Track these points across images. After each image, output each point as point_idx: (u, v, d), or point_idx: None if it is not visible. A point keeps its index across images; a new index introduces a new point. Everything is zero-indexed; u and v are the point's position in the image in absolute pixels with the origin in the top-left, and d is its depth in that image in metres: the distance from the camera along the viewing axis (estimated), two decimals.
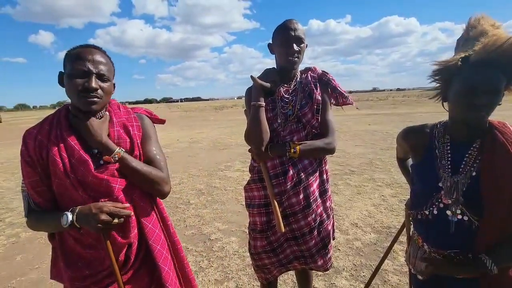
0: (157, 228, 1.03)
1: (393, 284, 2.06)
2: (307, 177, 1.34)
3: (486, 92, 0.83)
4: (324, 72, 1.42)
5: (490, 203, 0.86)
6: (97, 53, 0.95)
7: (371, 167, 5.12)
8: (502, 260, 0.85)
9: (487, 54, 0.84)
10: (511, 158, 0.85)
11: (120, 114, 1.04)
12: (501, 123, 0.92)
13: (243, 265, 2.38)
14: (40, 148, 0.91)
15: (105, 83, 0.95)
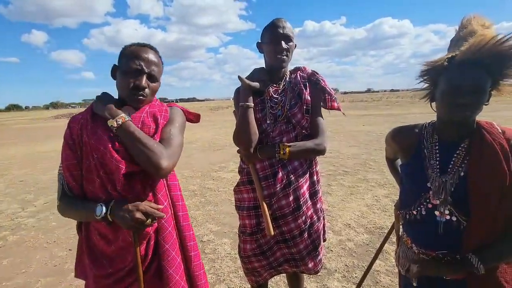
0: (171, 226, 1.02)
1: (384, 285, 2.06)
2: (297, 179, 1.32)
3: (470, 92, 0.84)
4: (314, 72, 1.41)
5: (477, 203, 0.86)
6: (151, 53, 1.00)
7: (365, 167, 5.14)
8: (489, 260, 0.85)
9: (471, 54, 0.84)
10: (499, 159, 0.85)
11: (154, 105, 1.07)
12: (489, 123, 0.92)
13: (235, 267, 2.36)
14: (82, 132, 0.96)
15: (153, 83, 1.01)
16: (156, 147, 0.93)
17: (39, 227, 3.38)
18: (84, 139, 0.95)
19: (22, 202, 4.27)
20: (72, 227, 3.31)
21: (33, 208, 4.00)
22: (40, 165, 6.94)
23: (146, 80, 0.98)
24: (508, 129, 0.90)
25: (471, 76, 0.84)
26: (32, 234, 3.20)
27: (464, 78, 0.84)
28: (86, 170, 0.95)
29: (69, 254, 2.71)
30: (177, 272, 1.00)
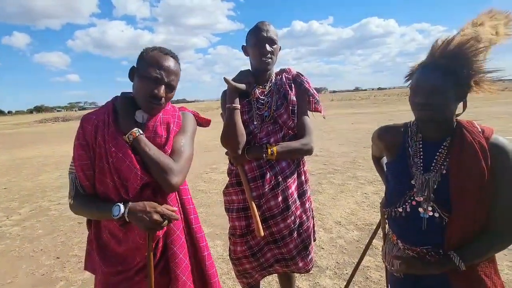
0: (179, 229, 1.03)
1: (374, 280, 2.10)
2: (285, 179, 1.33)
3: (427, 92, 0.88)
4: (299, 73, 1.43)
5: (458, 200, 0.89)
6: (172, 61, 0.99)
7: (354, 165, 5.22)
8: (469, 258, 0.88)
9: (431, 57, 0.90)
10: (478, 157, 0.88)
11: (167, 111, 1.06)
12: (469, 123, 0.95)
13: (227, 269, 2.36)
14: (96, 132, 0.96)
15: (170, 93, 1.00)
16: (167, 163, 0.95)
17: (25, 235, 3.29)
18: (98, 141, 0.95)
19: (6, 210, 4.14)
20: (59, 234, 3.24)
21: (17, 216, 3.88)
22: (25, 171, 6.74)
23: (164, 90, 0.97)
24: (487, 128, 0.93)
25: (428, 77, 0.89)
26: (18, 243, 3.10)
27: (421, 79, 0.90)
28: (100, 171, 0.95)
29: (57, 263, 2.64)
30: (184, 273, 1.01)
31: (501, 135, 0.91)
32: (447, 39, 0.88)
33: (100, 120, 0.98)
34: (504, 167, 0.86)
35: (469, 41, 0.86)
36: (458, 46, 0.86)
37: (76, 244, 2.97)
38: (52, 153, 9.30)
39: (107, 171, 0.94)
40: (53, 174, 6.29)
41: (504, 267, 2.14)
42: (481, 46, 0.88)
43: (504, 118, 9.61)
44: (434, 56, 0.90)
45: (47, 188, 5.16)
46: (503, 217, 0.88)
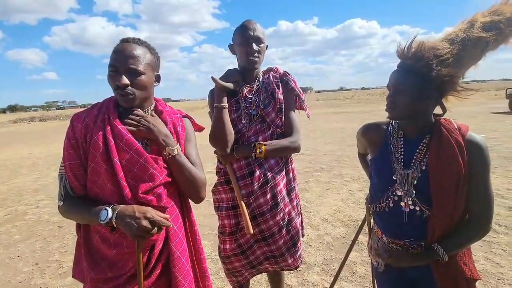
0: (181, 232, 1.01)
1: (361, 275, 2.15)
2: (273, 176, 1.34)
3: (393, 91, 0.95)
4: (286, 72, 1.44)
5: (438, 195, 0.93)
6: (129, 46, 0.93)
7: (340, 163, 5.33)
8: (451, 249, 0.93)
9: (403, 59, 0.94)
10: (455, 153, 0.92)
11: (170, 112, 1.05)
12: (447, 120, 1.00)
13: (216, 269, 2.35)
14: (86, 131, 0.92)
15: (137, 78, 0.92)
16: (200, 177, 1.01)
17: (0, 241, 3.12)
18: (94, 140, 0.90)
19: None
20: (37, 239, 3.09)
21: None
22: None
23: (124, 78, 0.90)
24: (463, 126, 0.98)
25: (394, 77, 0.95)
26: None
27: (390, 79, 0.96)
28: (92, 172, 0.90)
29: (36, 269, 2.52)
30: (186, 279, 0.98)
31: (476, 132, 0.96)
32: (410, 40, 0.93)
33: (91, 119, 0.94)
34: (478, 161, 0.91)
35: (435, 43, 0.90)
36: (419, 48, 0.90)
37: (56, 249, 2.85)
38: (29, 155, 8.86)
39: (104, 173, 0.89)
40: (30, 176, 6.00)
41: (480, 257, 2.26)
42: (451, 48, 0.91)
43: (479, 117, 10.14)
44: (400, 57, 0.95)
45: (24, 191, 4.91)
46: (479, 208, 0.93)
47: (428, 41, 0.92)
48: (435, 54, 0.88)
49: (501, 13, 0.98)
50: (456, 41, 0.95)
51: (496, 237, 2.53)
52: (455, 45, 0.94)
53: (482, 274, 2.07)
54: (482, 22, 0.96)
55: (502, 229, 2.66)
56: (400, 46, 0.94)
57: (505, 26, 0.97)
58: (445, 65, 0.89)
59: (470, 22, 0.98)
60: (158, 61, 1.03)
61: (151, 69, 0.97)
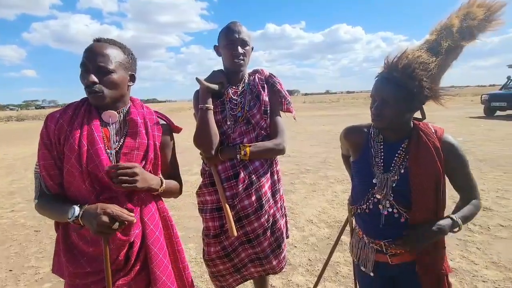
0: (158, 230, 1.03)
1: (344, 275, 2.19)
2: (258, 178, 1.35)
3: (379, 103, 0.97)
4: (271, 74, 1.46)
5: (419, 197, 0.97)
6: (100, 46, 0.94)
7: (325, 165, 5.42)
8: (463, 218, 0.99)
9: (387, 69, 0.97)
10: (433, 156, 0.96)
11: (143, 113, 1.04)
12: (425, 124, 1.04)
13: (200, 272, 2.32)
14: (59, 132, 0.92)
15: (107, 76, 0.93)
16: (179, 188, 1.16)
17: None
18: (62, 141, 0.92)
19: None
20: (12, 244, 2.94)
21: None
22: None
23: (92, 76, 0.91)
24: (439, 129, 1.02)
25: (381, 89, 0.97)
26: None
27: (375, 90, 0.98)
28: (68, 174, 0.92)
29: (10, 276, 2.40)
30: (164, 273, 1.01)
31: (454, 136, 1.02)
32: (400, 53, 0.94)
33: (66, 121, 0.94)
34: (455, 158, 0.99)
35: (420, 56, 0.92)
36: (409, 62, 0.91)
37: (33, 255, 2.72)
38: (4, 156, 8.43)
39: (78, 175, 0.90)
40: (5, 178, 5.71)
41: (456, 256, 2.36)
42: (435, 59, 0.94)
43: (457, 121, 10.59)
44: (388, 68, 0.96)
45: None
46: (468, 192, 1.02)
47: (413, 53, 0.93)
48: (426, 70, 0.91)
49: (475, 17, 0.98)
50: (440, 51, 0.96)
51: (471, 236, 2.65)
52: (438, 56, 0.96)
53: (458, 271, 2.16)
54: (459, 28, 0.97)
55: (476, 228, 2.79)
56: (389, 58, 0.95)
57: (477, 31, 0.99)
58: (432, 79, 0.93)
59: (447, 27, 0.98)
60: (133, 61, 1.04)
61: (124, 68, 0.98)
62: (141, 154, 0.99)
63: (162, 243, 1.04)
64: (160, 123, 1.08)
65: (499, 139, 6.95)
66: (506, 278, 2.05)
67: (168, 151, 1.11)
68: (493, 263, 2.24)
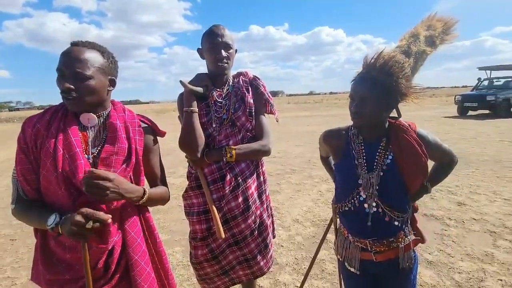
0: (139, 237, 1.00)
1: (330, 272, 2.25)
2: (245, 180, 1.36)
3: (358, 102, 1.01)
4: (255, 77, 1.47)
5: (411, 183, 1.05)
6: (77, 50, 0.92)
7: (310, 165, 5.51)
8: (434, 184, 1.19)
9: (365, 69, 1.02)
10: (416, 147, 1.02)
11: (124, 117, 1.02)
12: (398, 121, 1.09)
13: (187, 275, 2.30)
14: (36, 136, 0.91)
15: (83, 82, 0.91)
16: (165, 196, 1.12)
17: None
18: (39, 146, 0.90)
19: None
20: None
21: None
22: None
23: (65, 82, 0.89)
24: (411, 123, 1.09)
25: (359, 88, 1.01)
26: None
27: (354, 89, 1.03)
28: (44, 179, 0.90)
29: None
30: (146, 281, 0.99)
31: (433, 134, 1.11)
32: (377, 54, 0.99)
33: (43, 125, 0.92)
34: (430, 145, 1.06)
35: (395, 56, 0.99)
36: (386, 61, 0.97)
37: (8, 265, 2.59)
38: None
39: (55, 181, 0.88)
40: None
41: (434, 249, 2.48)
42: (408, 60, 1.01)
43: (432, 120, 11.10)
44: (367, 68, 1.01)
45: None
46: (444, 157, 1.14)
47: (389, 54, 1.00)
48: (401, 69, 0.97)
49: (435, 28, 1.14)
50: (410, 54, 1.06)
51: (447, 230, 2.80)
52: (411, 58, 1.05)
53: (436, 264, 2.27)
54: (424, 36, 1.10)
55: (452, 222, 2.95)
56: (368, 58, 1.00)
57: (438, 41, 1.14)
58: (406, 78, 0.99)
59: (415, 35, 1.10)
60: (113, 65, 1.01)
61: (103, 73, 0.95)
62: (121, 159, 0.96)
63: (144, 250, 1.02)
64: (142, 126, 1.06)
65: (471, 137, 7.36)
66: (479, 269, 2.18)
67: (152, 156, 1.09)
68: (467, 255, 2.38)
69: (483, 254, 2.37)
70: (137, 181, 1.02)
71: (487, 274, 2.13)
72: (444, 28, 1.16)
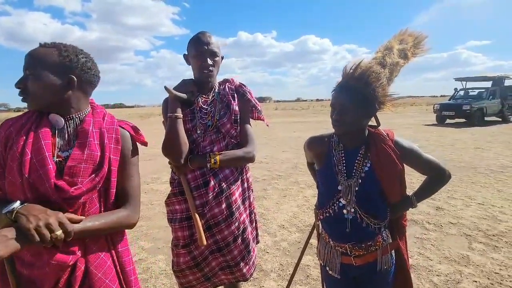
0: (103, 252, 0.93)
1: (314, 278, 2.26)
2: (228, 186, 1.36)
3: (338, 110, 1.05)
4: (242, 84, 1.49)
5: (388, 190, 1.08)
6: (30, 52, 0.89)
7: (296, 170, 5.57)
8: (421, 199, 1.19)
9: (345, 79, 1.06)
10: (392, 157, 1.06)
11: (101, 123, 0.95)
12: (378, 130, 1.14)
13: (170, 284, 2.24)
14: (6, 140, 0.87)
15: (28, 82, 0.87)
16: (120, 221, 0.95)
17: None
18: (8, 149, 0.86)
19: None
20: None
21: None
22: None
23: (16, 83, 0.89)
24: (389, 131, 1.14)
25: (339, 97, 1.05)
26: None
27: (335, 98, 1.06)
28: (10, 185, 0.85)
29: None
30: None
31: (411, 141, 1.16)
32: (355, 64, 1.04)
33: (16, 128, 0.88)
34: (408, 154, 1.10)
35: (372, 67, 1.04)
36: (364, 71, 1.02)
37: None
38: None
39: (20, 187, 0.83)
40: None
41: (414, 253, 2.56)
42: (384, 71, 1.07)
43: (412, 128, 11.52)
44: (346, 78, 1.05)
45: None
46: (431, 169, 1.15)
47: (366, 64, 1.04)
48: (378, 79, 1.02)
49: (406, 42, 1.22)
50: (386, 65, 1.12)
51: (426, 234, 2.89)
52: (386, 69, 1.11)
53: (416, 268, 2.34)
54: (398, 49, 1.17)
55: (431, 226, 3.06)
56: (346, 68, 1.05)
57: (410, 53, 1.21)
58: (382, 87, 1.04)
59: (389, 48, 1.17)
60: (75, 64, 0.91)
61: (54, 73, 0.88)
62: (91, 168, 0.89)
63: (110, 267, 0.93)
64: (122, 134, 0.98)
65: (448, 144, 7.71)
66: (456, 271, 2.27)
67: (128, 168, 0.99)
68: (445, 258, 2.47)
69: (460, 257, 2.47)
70: (106, 194, 0.94)
71: (463, 276, 2.21)
72: (414, 42, 1.24)
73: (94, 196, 0.91)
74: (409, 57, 1.21)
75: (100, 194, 0.93)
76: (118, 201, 0.98)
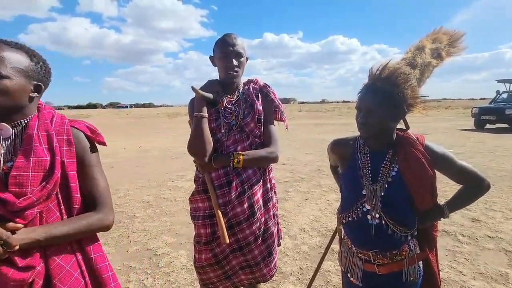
0: (69, 263, 0.85)
1: (335, 284, 2.20)
2: (251, 186, 1.37)
3: (364, 112, 1.01)
4: (266, 84, 1.50)
5: (417, 199, 1.03)
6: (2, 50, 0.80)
7: (319, 173, 5.46)
8: (455, 209, 1.11)
9: (371, 80, 1.02)
10: (422, 162, 1.01)
11: (48, 125, 0.86)
12: (407, 134, 1.09)
13: (191, 279, 2.30)
14: None
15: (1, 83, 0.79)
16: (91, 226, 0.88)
17: None
18: None
19: None
20: None
21: None
22: None
23: None
24: (420, 136, 1.08)
25: (365, 99, 1.01)
26: None
27: (360, 100, 1.02)
28: None
29: None
30: None
31: (445, 147, 1.10)
32: (383, 65, 1.00)
33: None
34: (441, 159, 1.04)
35: (401, 68, 0.99)
36: (391, 72, 0.98)
37: None
38: None
39: None
40: None
41: (445, 266, 2.39)
42: (414, 72, 1.02)
43: (448, 133, 10.80)
44: (372, 79, 1.01)
45: None
46: (467, 178, 1.08)
47: (394, 65, 1.01)
48: (406, 80, 0.98)
49: (441, 41, 1.15)
50: (416, 66, 1.07)
51: (460, 247, 2.69)
52: (416, 69, 1.06)
53: (446, 281, 2.19)
54: (430, 49, 1.10)
55: (465, 239, 2.84)
56: (373, 69, 1.01)
57: (444, 53, 1.14)
58: (412, 88, 0.99)
59: (420, 48, 1.11)
60: (43, 71, 0.89)
61: (25, 76, 0.83)
62: (40, 175, 0.81)
63: (77, 278, 0.85)
64: (75, 135, 0.90)
65: (488, 151, 7.10)
66: None
67: (88, 170, 0.91)
68: (480, 273, 2.28)
69: (497, 274, 2.27)
70: (69, 201, 0.87)
71: None
72: (450, 40, 1.16)
73: (51, 205, 0.84)
74: (444, 57, 1.13)
75: (60, 202, 0.86)
76: (89, 206, 0.92)
